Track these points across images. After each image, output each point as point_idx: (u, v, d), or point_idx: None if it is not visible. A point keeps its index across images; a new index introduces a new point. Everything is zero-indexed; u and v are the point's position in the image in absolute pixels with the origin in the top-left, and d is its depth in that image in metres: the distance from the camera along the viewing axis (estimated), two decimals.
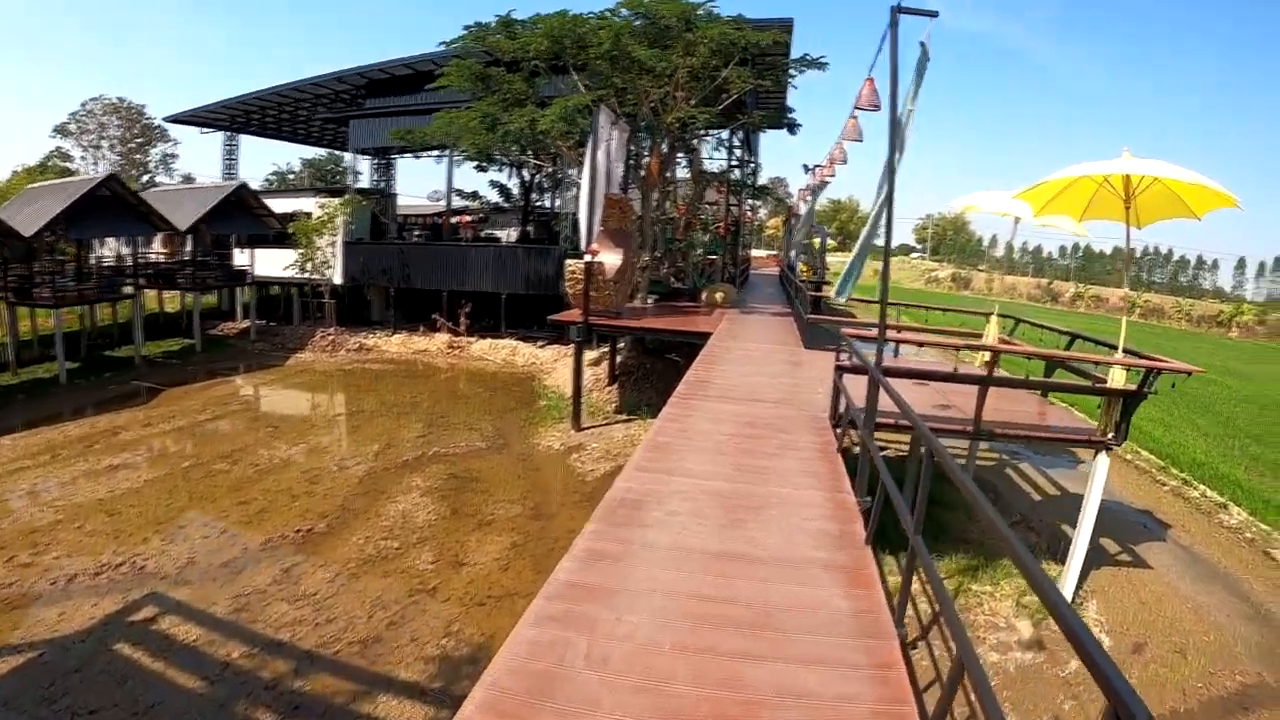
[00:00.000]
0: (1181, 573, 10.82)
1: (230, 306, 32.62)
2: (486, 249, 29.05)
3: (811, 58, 20.82)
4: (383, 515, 12.83)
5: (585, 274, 16.46)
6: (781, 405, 10.06)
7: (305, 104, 34.52)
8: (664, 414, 9.11)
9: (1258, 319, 61.83)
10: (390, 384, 22.95)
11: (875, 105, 10.21)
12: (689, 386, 10.78)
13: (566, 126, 18.50)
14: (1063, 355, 10.30)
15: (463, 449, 16.43)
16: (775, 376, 12.27)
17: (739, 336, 16.80)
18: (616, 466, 15.06)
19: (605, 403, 19.73)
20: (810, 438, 8.48)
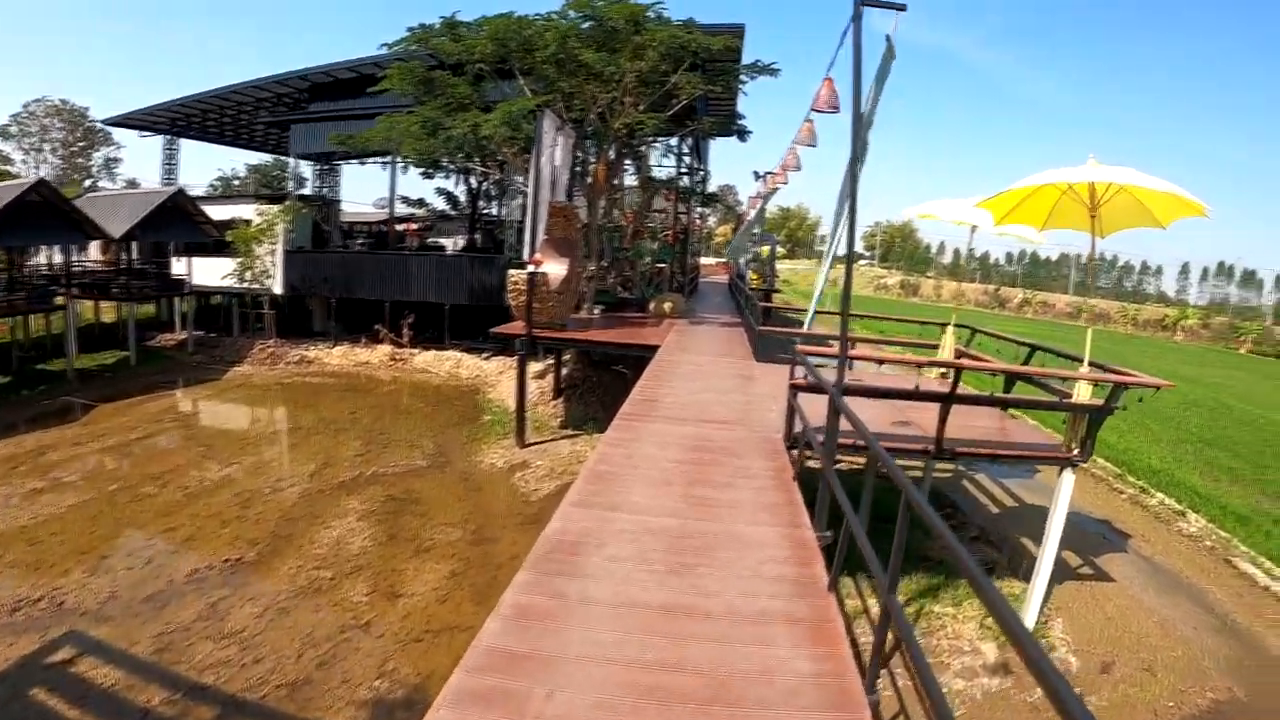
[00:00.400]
0: (1145, 584, 10.69)
1: (170, 317, 31.25)
2: (429, 258, 28.23)
3: (763, 64, 20.41)
4: (316, 542, 12.07)
5: (528, 284, 15.78)
6: (733, 426, 9.45)
7: (247, 107, 33.40)
8: (607, 438, 8.46)
9: (1202, 322, 62.95)
10: (330, 398, 22.05)
11: (834, 107, 9.71)
12: (635, 406, 10.15)
13: (510, 132, 17.82)
14: (1030, 371, 9.83)
15: (402, 468, 15.68)
16: (726, 393, 11.68)
17: (688, 349, 16.22)
18: (562, 485, 14.45)
19: (551, 417, 19.06)
20: (764, 463, 7.91)
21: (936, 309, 69.52)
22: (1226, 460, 17.38)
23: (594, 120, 19.62)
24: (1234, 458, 17.71)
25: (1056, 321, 68.26)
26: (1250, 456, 18.00)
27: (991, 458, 9.72)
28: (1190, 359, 45.27)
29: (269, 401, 22.18)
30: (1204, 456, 17.55)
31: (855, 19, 6.05)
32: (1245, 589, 10.86)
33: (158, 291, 29.73)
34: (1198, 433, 19.75)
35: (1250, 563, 11.57)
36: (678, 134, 23.11)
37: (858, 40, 5.96)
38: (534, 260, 15.36)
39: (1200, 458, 17.42)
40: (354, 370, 25.97)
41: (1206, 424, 21.08)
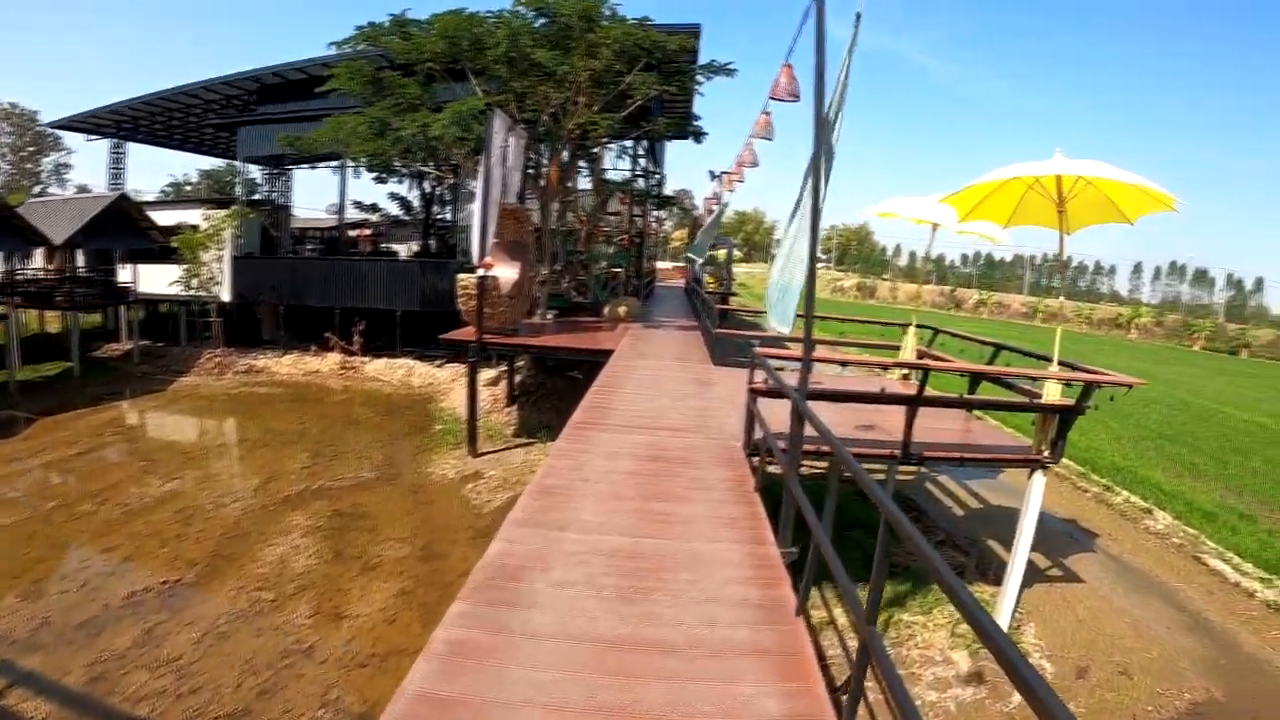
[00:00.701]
0: (1115, 585, 10.51)
1: (116, 326, 30.15)
2: (380, 264, 27.53)
3: (719, 64, 20.00)
4: (258, 561, 11.38)
5: (478, 289, 15.19)
6: (690, 433, 8.94)
7: (196, 109, 32.07)
8: (556, 450, 7.92)
9: (1155, 321, 63.98)
10: (278, 409, 21.25)
11: (794, 94, 9.21)
12: (587, 414, 9.62)
13: (460, 132, 17.20)
14: (1000, 372, 9.46)
15: (350, 481, 15.01)
16: (683, 399, 11.15)
17: (643, 354, 15.71)
18: (514, 496, 13.85)
19: (504, 425, 18.47)
20: (723, 472, 7.44)
21: (893, 310, 69.99)
22: (1188, 456, 17.45)
23: (547, 121, 19.10)
24: (1195, 453, 17.78)
25: (1012, 321, 69.12)
26: (1211, 451, 18.09)
27: (960, 461, 9.36)
28: (1145, 356, 45.80)
29: (215, 413, 21.29)
30: (1165, 452, 17.60)
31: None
32: (1215, 586, 10.75)
33: (102, 300, 28.72)
34: (1158, 429, 19.75)
35: (1219, 559, 11.49)
36: (632, 135, 22.59)
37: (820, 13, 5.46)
38: (484, 264, 14.81)
39: (1162, 454, 17.45)
40: (304, 379, 25.15)
41: (1165, 420, 21.12)
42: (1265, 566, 11.25)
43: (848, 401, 9.01)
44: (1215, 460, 17.26)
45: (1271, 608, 10.09)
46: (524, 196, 18.96)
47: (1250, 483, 15.68)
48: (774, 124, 11.48)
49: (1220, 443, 19.27)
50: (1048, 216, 9.07)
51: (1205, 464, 16.88)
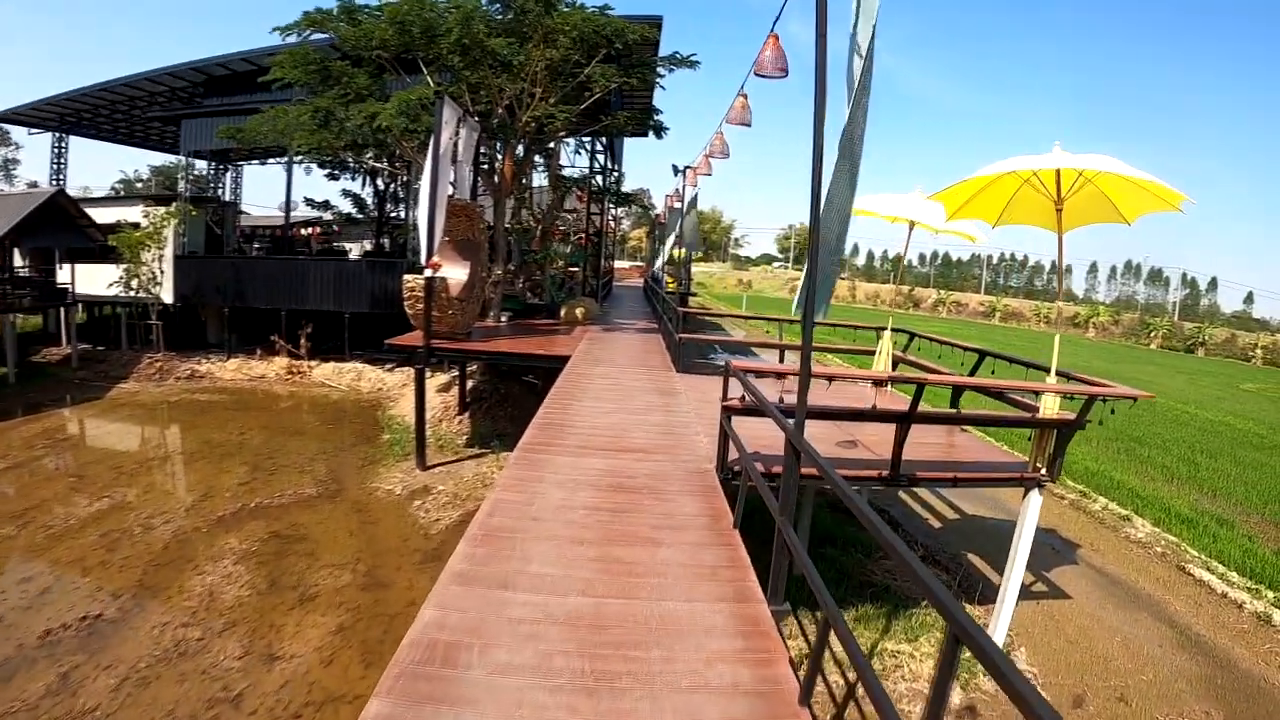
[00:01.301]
0: (1102, 600, 10.02)
1: (58, 329, 28.39)
2: (328, 264, 26.13)
3: (682, 55, 19.06)
4: (186, 592, 10.21)
5: (425, 291, 14.08)
6: (656, 455, 7.92)
7: (141, 102, 30.23)
8: (504, 479, 6.86)
9: (1112, 320, 64.53)
10: (219, 417, 19.90)
11: (782, 69, 8.29)
12: (539, 433, 8.55)
13: (408, 123, 16.08)
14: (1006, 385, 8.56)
15: (290, 498, 13.82)
16: (646, 412, 10.11)
17: (601, 360, 14.64)
18: (465, 514, 12.89)
19: (456, 434, 17.34)
20: (696, 504, 6.45)
21: (852, 310, 70.51)
22: (1159, 458, 17.17)
23: (501, 114, 18.04)
24: (1165, 455, 17.49)
25: (971, 321, 69.99)
26: (1180, 453, 17.82)
27: (953, 482, 8.50)
28: (1105, 355, 46.19)
29: (152, 422, 19.90)
30: (1136, 455, 17.27)
31: None
32: (1203, 598, 10.34)
33: (38, 301, 26.68)
34: (1125, 430, 19.30)
35: (1204, 569, 11.09)
36: (590, 129, 21.50)
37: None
38: (431, 264, 13.74)
39: (1133, 456, 17.12)
40: (248, 385, 23.76)
41: (1132, 421, 20.74)
42: (1250, 575, 10.90)
43: (836, 419, 8.11)
44: (1185, 462, 17.00)
45: (1262, 620, 9.70)
46: (476, 192, 17.85)
47: (1222, 485, 15.44)
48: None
49: (1189, 444, 19.04)
50: (1041, 215, 8.43)
51: (1176, 466, 16.59)
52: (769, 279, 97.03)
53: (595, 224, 26.91)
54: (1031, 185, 8.22)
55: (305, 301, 25.15)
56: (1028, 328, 65.46)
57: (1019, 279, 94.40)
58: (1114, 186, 7.70)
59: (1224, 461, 17.36)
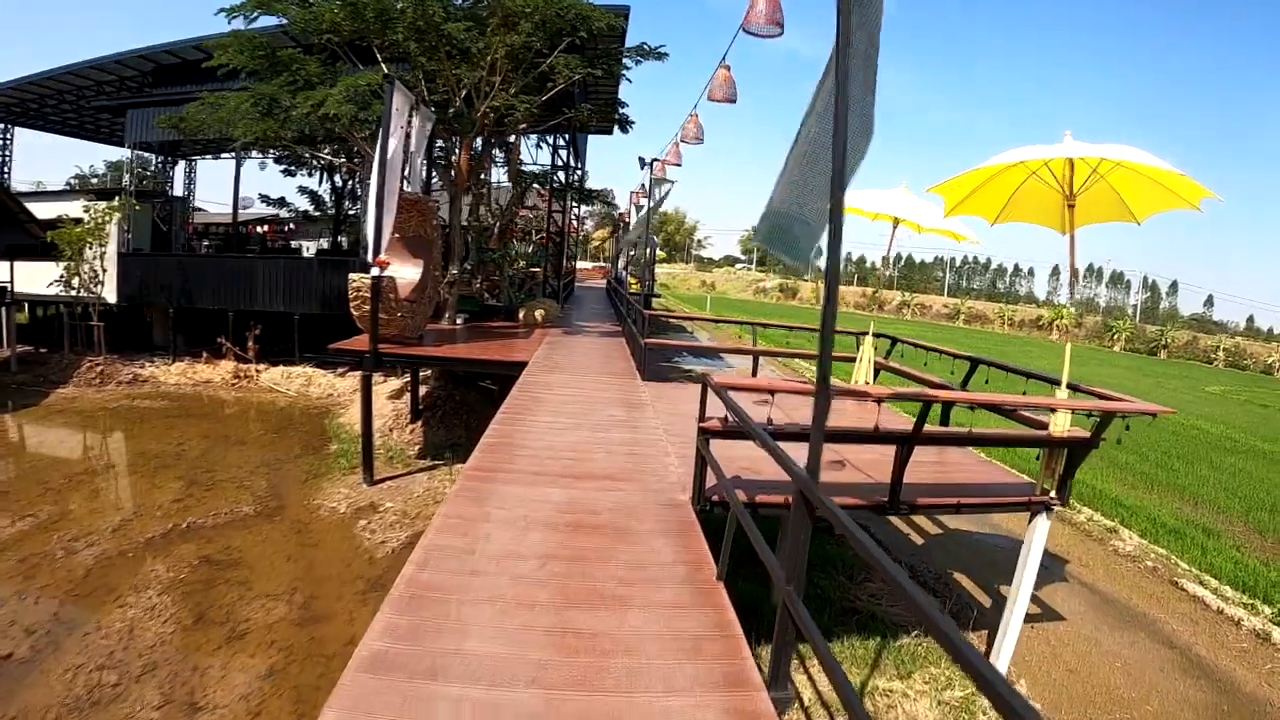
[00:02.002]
0: (1097, 621, 9.41)
1: None
2: (277, 262, 24.60)
3: (650, 47, 18.05)
4: (104, 629, 8.95)
5: (372, 291, 12.91)
6: (622, 483, 6.78)
7: (89, 92, 28.53)
8: (442, 516, 5.67)
9: (1075, 322, 64.67)
10: (159, 425, 18.53)
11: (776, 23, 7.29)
12: (488, 455, 7.38)
13: (356, 111, 14.89)
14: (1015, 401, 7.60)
15: (225, 517, 12.52)
16: (610, 429, 8.97)
17: (561, 366, 13.53)
18: (413, 535, 11.74)
19: (407, 445, 16.15)
20: (671, 547, 5.36)
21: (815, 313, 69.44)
22: (1136, 464, 16.78)
23: (459, 105, 16.89)
24: (1142, 460, 17.10)
25: (935, 323, 70.01)
26: (1156, 458, 17.44)
27: (956, 508, 7.53)
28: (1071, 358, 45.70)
29: (87, 432, 18.40)
30: (1114, 461, 16.76)
31: None
32: (1198, 614, 9.76)
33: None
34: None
35: (1196, 583, 10.52)
36: (553, 122, 20.27)
37: None
38: (379, 262, 12.59)
39: (1110, 462, 16.61)
40: (193, 390, 22.24)
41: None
42: (1243, 589, 10.36)
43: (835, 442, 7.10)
44: (1163, 468, 16.58)
45: (1260, 637, 9.15)
46: (430, 187, 16.67)
47: (1202, 491, 14.95)
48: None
49: (1165, 448, 18.64)
50: (1045, 213, 7.71)
51: (1155, 472, 16.10)
52: (732, 280, 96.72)
53: (557, 222, 25.69)
54: (1040, 178, 7.50)
55: (254, 302, 23.76)
56: (992, 330, 66.05)
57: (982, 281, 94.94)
58: (1128, 181, 7.09)
59: (1201, 467, 16.94)
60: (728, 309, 59.03)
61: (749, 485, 6.29)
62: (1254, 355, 56.84)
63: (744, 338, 24.37)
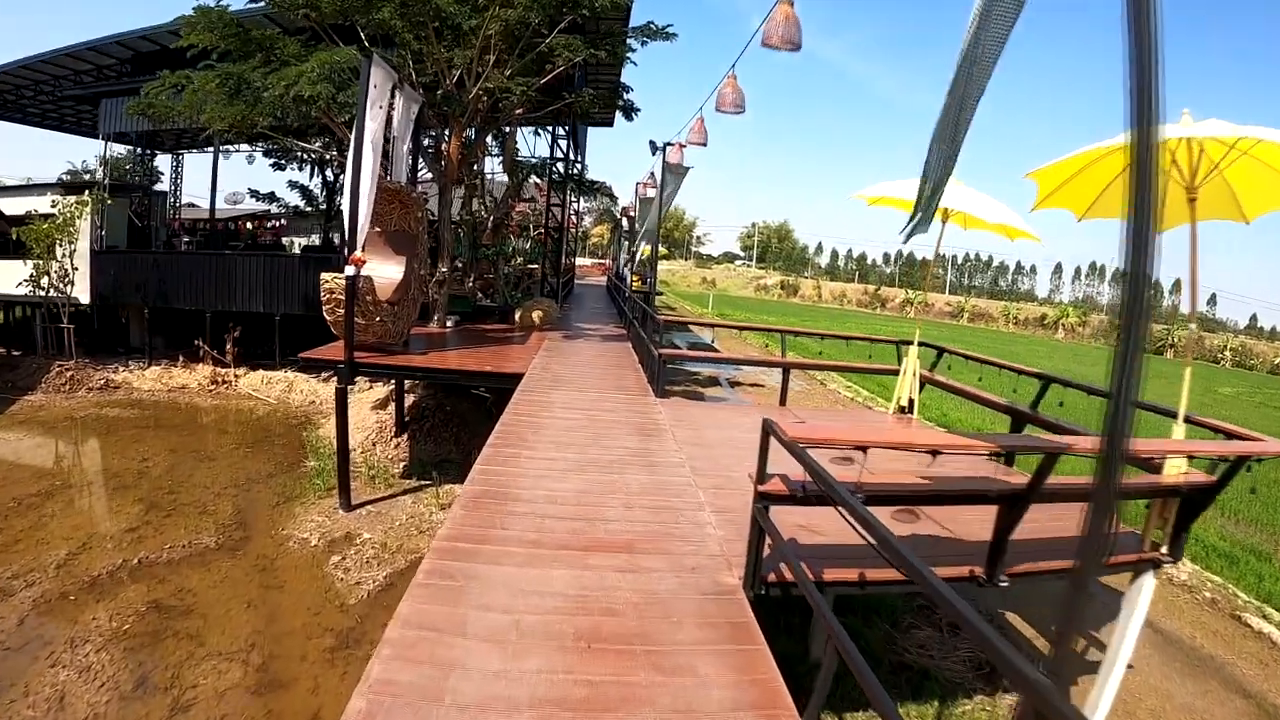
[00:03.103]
0: (1164, 666, 8.26)
1: None
2: (257, 259, 22.76)
3: (657, 26, 16.44)
4: (31, 694, 7.39)
5: (347, 293, 11.25)
6: (647, 556, 5.02)
7: (67, 81, 26.75)
8: (402, 622, 3.83)
9: (1080, 320, 63.72)
10: (125, 438, 16.79)
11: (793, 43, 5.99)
12: (470, 515, 5.48)
13: (335, 91, 13.25)
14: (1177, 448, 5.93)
15: (182, 551, 10.87)
16: (624, 467, 7.15)
17: (562, 379, 11.69)
18: (393, 574, 10.17)
19: (392, 461, 14.48)
20: (727, 673, 3.65)
21: (818, 310, 68.95)
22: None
23: (448, 86, 15.22)
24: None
25: (939, 321, 68.75)
26: None
27: (1058, 573, 5.92)
28: (1080, 358, 44.95)
29: (48, 446, 16.64)
30: None
31: None
32: (1267, 655, 8.69)
33: None
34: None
35: (1260, 617, 9.41)
36: (552, 107, 18.46)
37: None
38: (354, 259, 10.95)
39: None
40: (167, 398, 20.45)
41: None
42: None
43: (910, 505, 5.50)
44: None
45: None
46: (416, 176, 14.94)
47: (1239, 506, 13.46)
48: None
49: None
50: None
51: None
52: (732, 277, 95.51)
53: (556, 217, 23.88)
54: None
55: (232, 302, 22.01)
56: (997, 328, 64.98)
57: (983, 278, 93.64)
58: (1247, 171, 5.86)
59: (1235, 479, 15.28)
60: (730, 306, 57.69)
61: (814, 554, 4.71)
62: (1260, 355, 55.94)
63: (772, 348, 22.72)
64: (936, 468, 5.61)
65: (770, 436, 4.24)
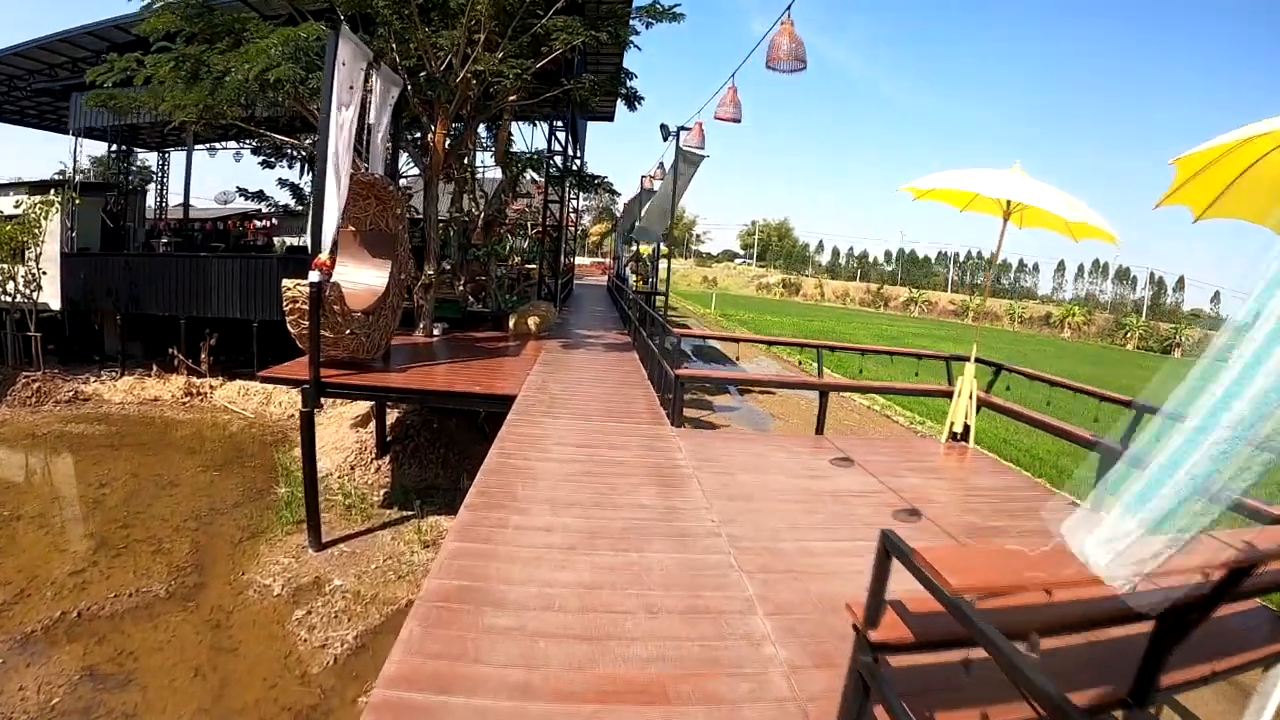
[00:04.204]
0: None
1: None
2: (233, 261, 20.91)
3: (663, 6, 14.88)
4: None
5: (311, 302, 9.56)
6: (690, 708, 3.37)
7: (42, 75, 24.65)
8: None
9: (1085, 319, 62.41)
10: (86, 459, 15.06)
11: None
12: (432, 629, 3.78)
13: (302, 73, 11.64)
14: None
15: (128, 601, 9.24)
16: (642, 543, 5.22)
17: (560, 402, 9.83)
18: (366, 631, 8.59)
19: (372, 488, 12.81)
20: None
21: (821, 309, 67.43)
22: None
23: (433, 68, 13.58)
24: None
25: (943, 320, 67.17)
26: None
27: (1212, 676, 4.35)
28: (1090, 359, 43.53)
29: (4, 467, 15.15)
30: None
31: None
32: None
33: None
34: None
35: None
36: (548, 94, 16.64)
37: None
38: (319, 264, 9.35)
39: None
40: (138, 411, 18.72)
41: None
42: None
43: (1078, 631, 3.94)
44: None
45: None
46: (397, 169, 13.20)
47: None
48: None
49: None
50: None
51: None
52: (733, 276, 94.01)
53: (554, 214, 22.03)
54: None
55: (208, 307, 20.24)
56: (1001, 327, 63.51)
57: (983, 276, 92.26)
58: None
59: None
60: (732, 306, 56.11)
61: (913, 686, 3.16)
62: None
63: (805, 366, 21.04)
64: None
65: (891, 552, 2.66)
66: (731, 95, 10.97)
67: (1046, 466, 13.29)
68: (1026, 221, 8.57)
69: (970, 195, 8.46)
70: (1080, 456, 9.00)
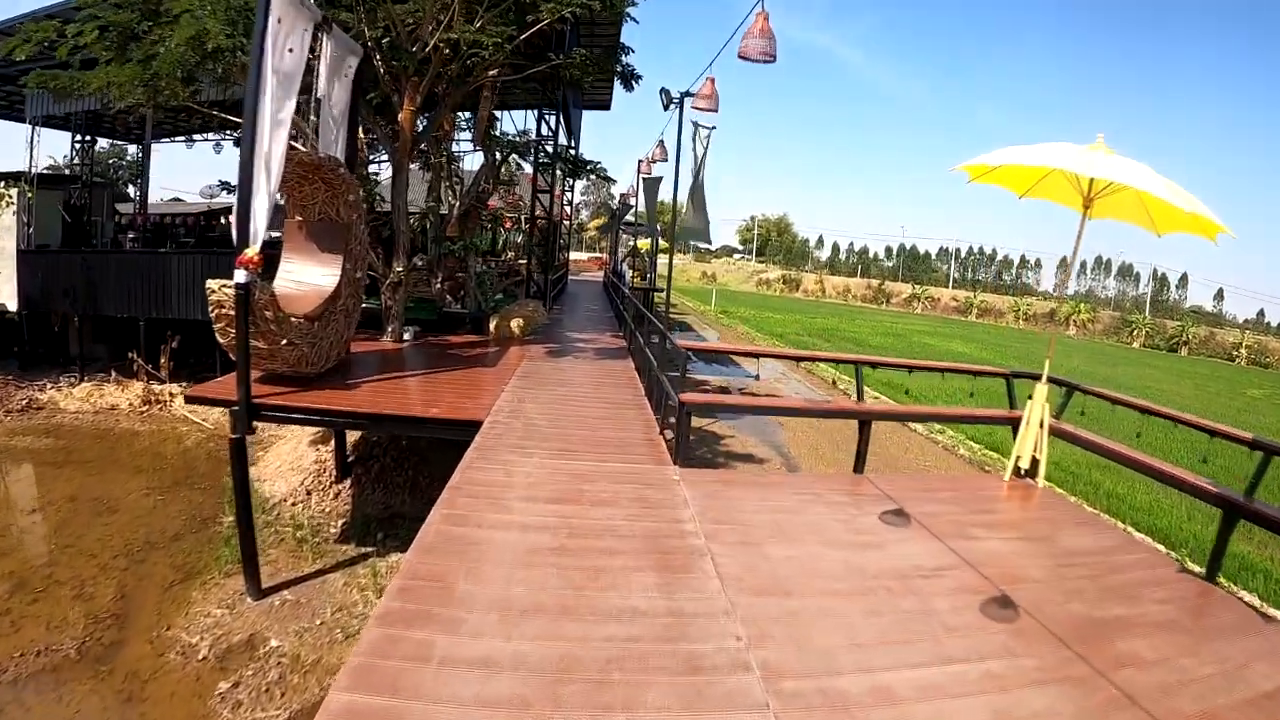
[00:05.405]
0: None
1: None
2: (195, 258, 19.00)
3: None
4: None
5: (237, 307, 7.74)
6: None
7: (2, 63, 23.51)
8: None
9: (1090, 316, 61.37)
10: (24, 479, 13.48)
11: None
12: None
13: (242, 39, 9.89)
14: None
15: (32, 663, 7.54)
16: (631, 704, 3.14)
17: (536, 429, 7.79)
18: (302, 710, 6.84)
19: (329, 516, 11.05)
20: None
21: (822, 305, 66.21)
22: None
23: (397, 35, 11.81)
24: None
25: (946, 317, 66.04)
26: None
27: None
28: (1098, 357, 42.37)
29: None
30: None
31: None
32: None
33: None
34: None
35: None
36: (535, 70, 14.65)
37: None
38: (243, 261, 7.60)
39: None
40: (92, 421, 16.81)
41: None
42: None
43: None
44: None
45: None
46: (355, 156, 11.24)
47: None
48: None
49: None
50: None
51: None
52: (732, 271, 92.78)
53: (543, 205, 19.98)
54: None
55: (168, 308, 18.48)
56: (1005, 324, 62.56)
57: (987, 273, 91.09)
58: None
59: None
60: (732, 302, 54.75)
61: None
62: (1274, 351, 53.36)
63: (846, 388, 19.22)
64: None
65: None
66: (762, 24, 9.21)
67: (1123, 505, 11.56)
68: (1101, 210, 6.89)
69: (1041, 173, 6.79)
70: (1185, 504, 7.42)
